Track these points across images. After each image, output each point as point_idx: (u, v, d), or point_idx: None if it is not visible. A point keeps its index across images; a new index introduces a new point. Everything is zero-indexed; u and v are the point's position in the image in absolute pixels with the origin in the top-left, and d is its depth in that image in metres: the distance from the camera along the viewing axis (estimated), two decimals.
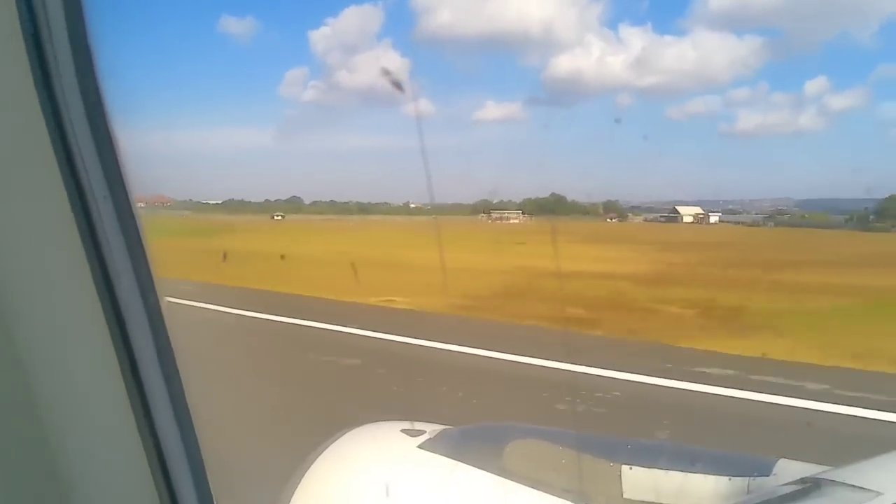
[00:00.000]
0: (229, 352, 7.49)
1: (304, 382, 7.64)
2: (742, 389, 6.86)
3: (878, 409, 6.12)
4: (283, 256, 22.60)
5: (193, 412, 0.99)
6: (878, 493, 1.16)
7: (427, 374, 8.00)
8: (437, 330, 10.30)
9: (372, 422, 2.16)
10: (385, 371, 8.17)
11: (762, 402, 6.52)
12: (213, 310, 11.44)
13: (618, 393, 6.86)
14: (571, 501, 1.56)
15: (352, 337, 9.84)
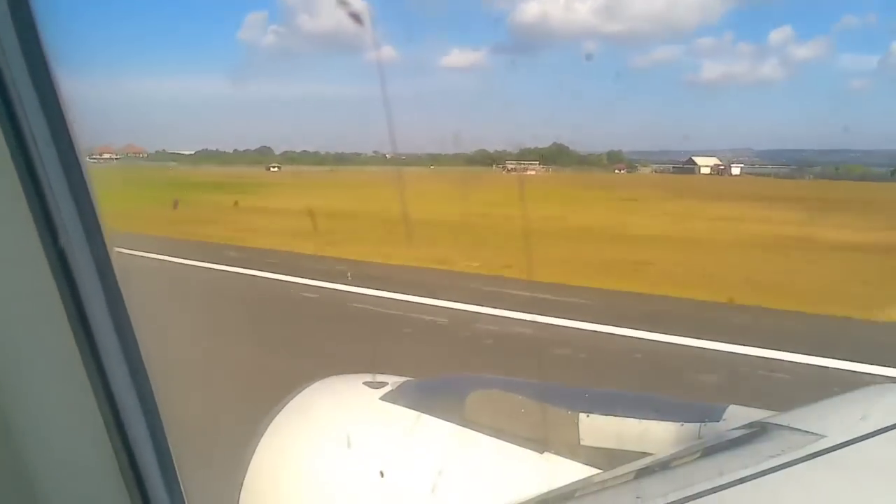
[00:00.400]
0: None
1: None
2: None
3: None
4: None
5: (150, 372, 0.98)
6: (821, 436, 1.21)
7: None
8: None
9: (337, 374, 2.17)
10: None
11: None
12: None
13: None
14: (531, 449, 1.60)
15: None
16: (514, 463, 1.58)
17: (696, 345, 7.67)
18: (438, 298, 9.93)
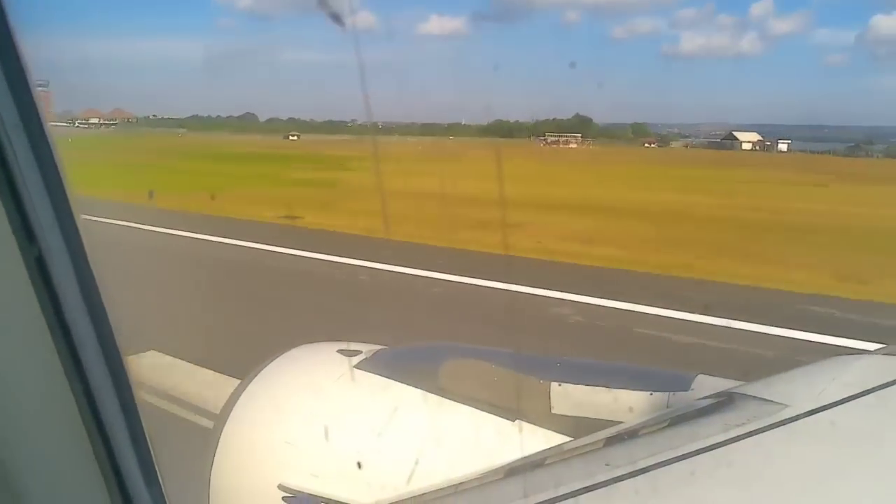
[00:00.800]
0: None
1: None
2: None
3: None
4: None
5: (127, 365, 0.96)
6: (785, 406, 1.24)
7: None
8: None
9: (309, 343, 2.17)
10: None
11: None
12: None
13: None
14: (503, 417, 1.62)
15: None
16: (487, 430, 1.60)
17: None
18: None
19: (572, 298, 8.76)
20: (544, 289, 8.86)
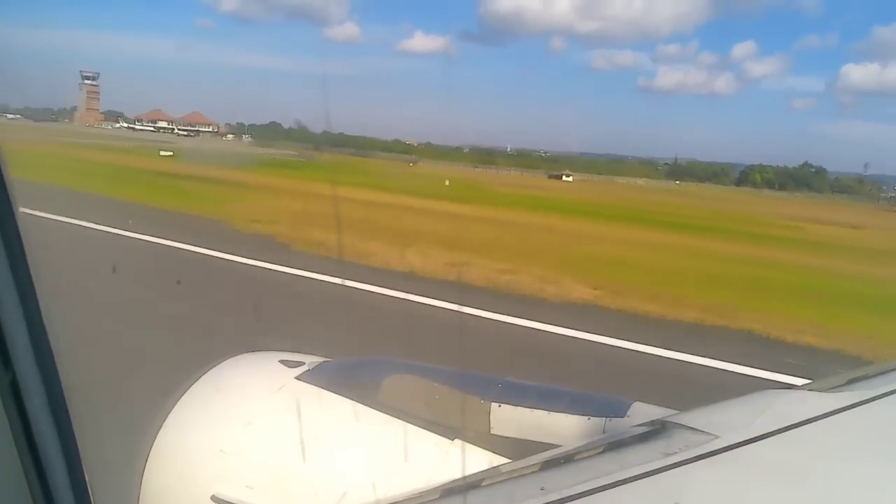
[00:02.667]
0: None
1: None
2: None
3: None
4: None
5: (60, 364, 0.93)
6: (716, 436, 1.29)
7: None
8: None
9: (250, 352, 2.13)
10: None
11: None
12: None
13: None
14: (442, 435, 1.63)
15: None
16: (426, 448, 1.60)
17: None
18: None
19: None
20: None
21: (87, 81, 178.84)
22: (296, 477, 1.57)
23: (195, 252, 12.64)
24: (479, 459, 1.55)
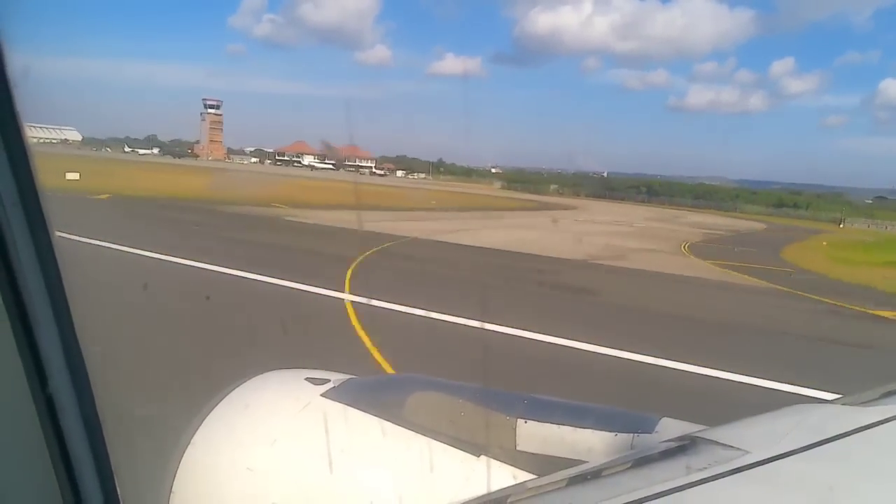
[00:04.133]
0: None
1: None
2: None
3: None
4: None
5: (90, 367, 0.95)
6: (746, 452, 1.27)
7: None
8: None
9: (277, 369, 2.15)
10: None
11: None
12: None
13: None
14: (468, 452, 1.62)
15: None
16: (451, 465, 1.59)
17: None
18: None
19: None
20: None
21: (210, 111, 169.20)
22: (323, 494, 1.58)
23: None
24: (505, 476, 1.54)
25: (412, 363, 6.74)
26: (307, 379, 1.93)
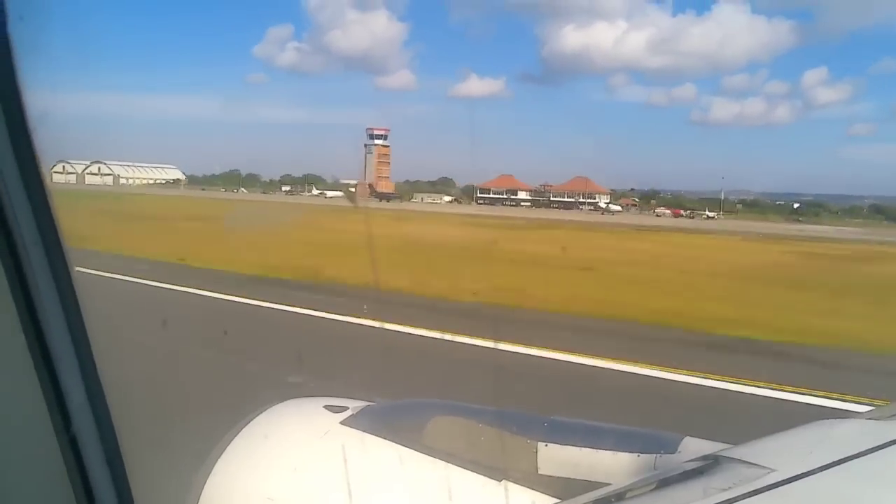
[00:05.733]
0: None
1: None
2: None
3: None
4: None
5: (106, 387, 0.96)
6: (772, 470, 1.24)
7: None
8: None
9: (297, 397, 2.15)
10: None
11: None
12: None
13: None
14: (490, 477, 1.61)
15: None
16: (472, 490, 1.58)
17: None
18: None
19: None
20: None
21: (377, 142, 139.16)
22: None
23: None
24: (526, 500, 1.53)
25: None
26: (326, 406, 1.92)
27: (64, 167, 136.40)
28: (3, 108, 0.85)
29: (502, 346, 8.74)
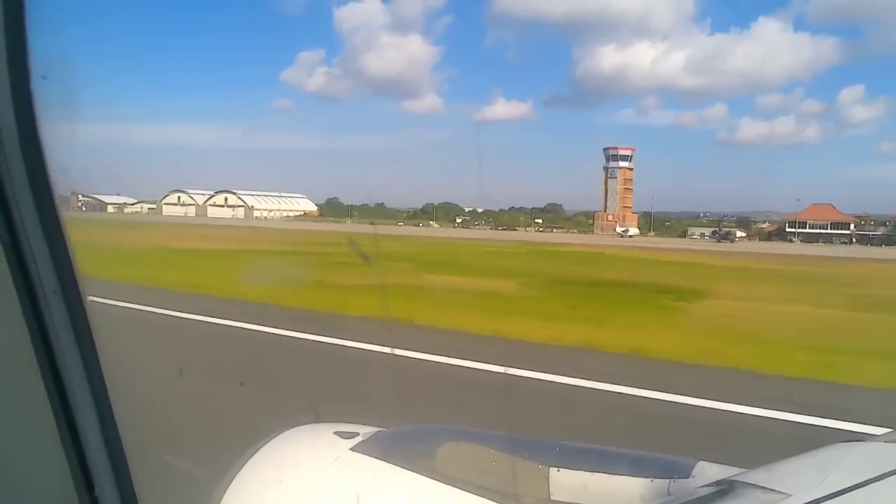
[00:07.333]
0: None
1: None
2: None
3: None
4: None
5: (118, 413, 0.97)
6: (788, 495, 1.23)
7: None
8: None
9: (307, 424, 2.14)
10: None
11: None
12: None
13: None
14: (501, 503, 1.59)
15: None
16: None
17: None
18: None
19: None
20: None
21: (621, 164, 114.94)
22: None
23: None
24: None
25: None
26: (336, 433, 1.92)
27: (179, 197, 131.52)
28: (21, 134, 0.87)
29: None
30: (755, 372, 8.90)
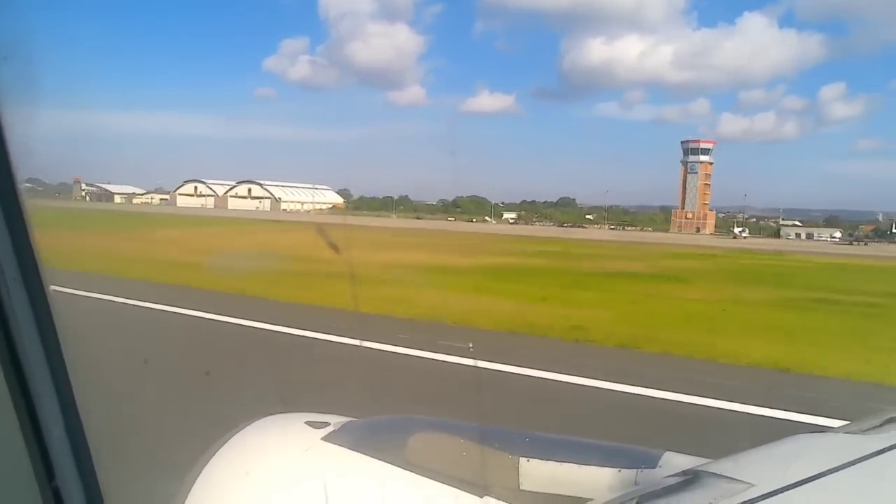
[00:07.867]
0: None
1: None
2: None
3: None
4: None
5: (81, 407, 0.95)
6: (751, 485, 1.25)
7: None
8: None
9: (278, 413, 2.13)
10: None
11: None
12: None
13: None
14: (471, 493, 1.60)
15: None
16: None
17: None
18: None
19: None
20: None
21: (702, 158, 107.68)
22: None
23: None
24: None
25: None
26: (307, 423, 1.91)
27: (196, 188, 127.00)
28: None
29: None
30: None
